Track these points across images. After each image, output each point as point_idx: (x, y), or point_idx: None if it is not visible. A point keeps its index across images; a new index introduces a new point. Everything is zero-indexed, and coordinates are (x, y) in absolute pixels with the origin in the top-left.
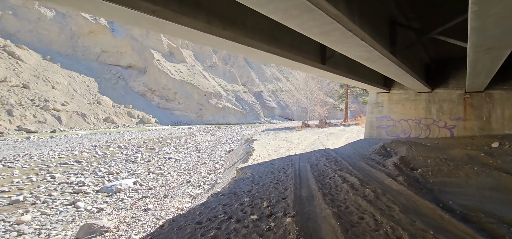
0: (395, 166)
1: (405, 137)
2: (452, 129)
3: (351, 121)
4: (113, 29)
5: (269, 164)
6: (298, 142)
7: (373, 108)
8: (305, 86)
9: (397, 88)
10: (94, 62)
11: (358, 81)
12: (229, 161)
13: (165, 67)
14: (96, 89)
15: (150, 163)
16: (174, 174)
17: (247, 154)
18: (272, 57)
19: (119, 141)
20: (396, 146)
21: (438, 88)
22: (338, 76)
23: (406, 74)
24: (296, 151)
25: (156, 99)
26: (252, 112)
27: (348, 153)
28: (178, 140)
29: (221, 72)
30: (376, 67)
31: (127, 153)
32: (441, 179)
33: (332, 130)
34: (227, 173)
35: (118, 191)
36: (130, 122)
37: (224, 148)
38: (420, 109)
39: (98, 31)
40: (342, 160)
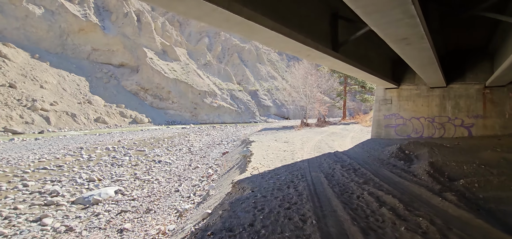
0: (429, 175)
1: (416, 137)
2: (470, 127)
3: (350, 119)
4: (104, 27)
5: (273, 174)
6: (301, 144)
7: (381, 105)
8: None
9: (407, 83)
10: (84, 61)
11: (369, 73)
12: (224, 165)
13: (158, 66)
14: (87, 88)
15: (137, 167)
16: (162, 181)
17: (245, 159)
18: (279, 38)
19: (108, 142)
20: (415, 148)
21: (454, 83)
22: (350, 67)
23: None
24: (302, 155)
25: (149, 99)
26: (248, 111)
27: (363, 157)
28: (170, 141)
29: (216, 70)
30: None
31: (115, 155)
32: (493, 194)
33: (333, 129)
34: (221, 182)
35: (95, 202)
36: (122, 122)
37: (218, 149)
38: (433, 106)
39: (88, 29)
40: (360, 167)
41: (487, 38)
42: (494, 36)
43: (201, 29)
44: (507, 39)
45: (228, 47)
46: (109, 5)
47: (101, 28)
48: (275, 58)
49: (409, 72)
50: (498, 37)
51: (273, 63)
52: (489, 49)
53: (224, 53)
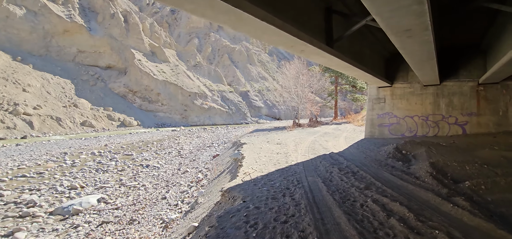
0: (433, 177)
1: (410, 136)
2: (464, 125)
3: (341, 119)
4: (90, 28)
5: (267, 180)
6: (294, 145)
7: (374, 104)
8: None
9: (400, 81)
10: (70, 63)
11: (363, 71)
12: (214, 170)
13: (146, 67)
14: (73, 91)
15: (124, 172)
16: (149, 187)
17: (236, 163)
18: (270, 31)
19: (94, 147)
20: (412, 148)
21: (447, 81)
22: (345, 64)
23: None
24: (296, 158)
25: (138, 101)
26: (239, 113)
27: (359, 158)
28: (160, 144)
29: (206, 72)
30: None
31: (100, 160)
32: (501, 196)
33: (326, 129)
34: (211, 188)
35: (76, 212)
36: (110, 125)
37: (209, 152)
38: (427, 105)
39: (74, 30)
40: (358, 169)
41: (481, 36)
42: (487, 34)
43: (190, 30)
44: (501, 37)
45: (218, 48)
46: (95, 6)
47: (87, 30)
48: (265, 59)
49: (402, 70)
50: (491, 34)
51: (264, 64)
52: (482, 46)
53: (214, 54)
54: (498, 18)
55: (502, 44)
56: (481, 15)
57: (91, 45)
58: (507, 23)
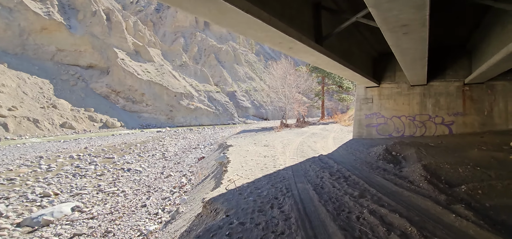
0: (427, 181)
1: (398, 136)
2: (451, 125)
3: (328, 119)
4: (70, 26)
5: (253, 189)
6: (282, 147)
7: (362, 105)
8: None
9: (388, 81)
10: (48, 62)
11: (352, 70)
12: (198, 174)
13: (130, 67)
14: (51, 91)
15: (103, 177)
16: (129, 193)
17: (221, 167)
18: (257, 25)
19: (73, 150)
20: (402, 149)
21: (434, 81)
22: (334, 63)
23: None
24: (285, 161)
25: (121, 102)
26: (226, 113)
27: (349, 160)
28: (143, 146)
29: (192, 72)
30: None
31: (79, 164)
32: (499, 202)
33: (313, 129)
34: (194, 195)
35: (46, 223)
36: (91, 127)
37: (194, 154)
38: (414, 105)
39: (52, 28)
40: (350, 174)
41: (467, 36)
42: (473, 35)
43: (176, 29)
44: (488, 38)
45: (205, 48)
46: (75, 3)
47: (67, 28)
48: (252, 59)
49: (389, 70)
50: (478, 35)
51: (251, 64)
52: (467, 47)
53: (201, 54)
54: (485, 19)
55: (489, 45)
56: (468, 16)
57: (71, 44)
58: (494, 23)
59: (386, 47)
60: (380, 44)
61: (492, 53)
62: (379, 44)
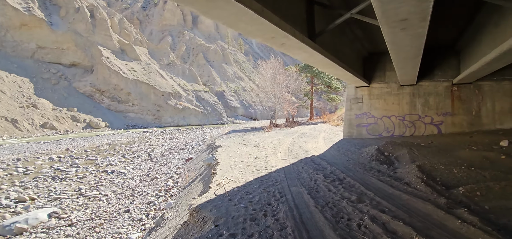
0: (424, 183)
1: (388, 136)
2: (440, 125)
3: (317, 119)
4: (52, 22)
5: (244, 193)
6: (273, 148)
7: (352, 104)
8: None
9: (378, 81)
10: (28, 60)
11: (344, 69)
12: (186, 176)
13: (115, 66)
14: (32, 90)
15: (84, 180)
16: (112, 197)
17: (209, 169)
18: (247, 17)
19: (54, 151)
20: (394, 149)
21: (423, 80)
22: (327, 61)
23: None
24: (276, 163)
25: (106, 101)
26: (215, 113)
27: (342, 161)
28: (129, 147)
29: (180, 71)
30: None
31: (59, 166)
32: (498, 204)
33: (303, 129)
34: (180, 199)
35: (20, 232)
36: (74, 127)
37: (182, 155)
38: (404, 105)
39: (32, 24)
40: (344, 176)
41: (456, 37)
42: (462, 35)
43: (163, 28)
44: (479, 38)
45: (193, 47)
46: None
47: (48, 24)
48: (241, 59)
49: (379, 69)
50: (468, 35)
51: (240, 64)
52: (456, 47)
53: (189, 53)
54: (476, 19)
55: (480, 44)
56: (458, 16)
57: (52, 41)
58: (486, 23)
59: (377, 47)
60: (371, 44)
61: (484, 52)
62: (370, 43)
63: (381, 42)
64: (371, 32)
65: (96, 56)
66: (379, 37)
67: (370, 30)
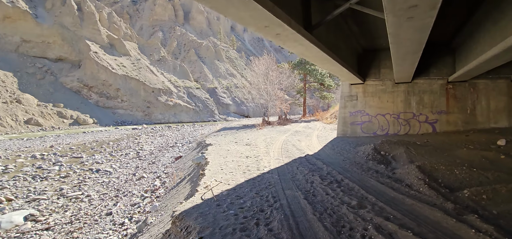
0: (428, 185)
1: (382, 134)
2: (434, 123)
3: (310, 117)
4: (37, 15)
5: (234, 198)
6: (265, 146)
7: (347, 102)
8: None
9: (372, 78)
10: (12, 54)
11: (340, 64)
12: (174, 176)
13: (104, 61)
14: (15, 85)
15: (67, 179)
16: (95, 198)
17: (198, 169)
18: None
19: (37, 148)
20: (390, 148)
21: (418, 78)
22: (323, 55)
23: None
24: (269, 163)
25: (94, 97)
26: (206, 110)
27: (338, 161)
28: (117, 144)
29: (171, 67)
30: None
31: (41, 165)
32: (506, 208)
33: (296, 127)
34: (166, 202)
35: None
36: (61, 124)
37: (171, 153)
38: (398, 102)
39: (16, 17)
40: (342, 177)
41: (452, 34)
42: (459, 32)
43: (154, 23)
44: (477, 35)
45: (184, 43)
46: None
47: (33, 17)
48: (234, 56)
49: (374, 66)
50: (464, 32)
51: (232, 61)
52: (452, 44)
53: (180, 49)
54: (475, 16)
55: (478, 42)
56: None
57: (38, 35)
58: (484, 20)
59: (372, 43)
60: (367, 40)
61: (483, 50)
62: (366, 39)
63: (378, 37)
64: (368, 27)
65: (84, 51)
66: (376, 32)
67: (367, 25)
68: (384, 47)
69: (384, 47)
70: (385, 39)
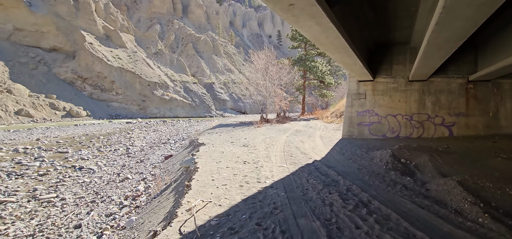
0: (486, 213)
1: (393, 136)
2: (451, 126)
3: (308, 115)
4: (31, 3)
5: (227, 230)
6: (266, 148)
7: (354, 100)
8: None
9: (383, 75)
10: (4, 42)
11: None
12: (158, 181)
13: (99, 52)
14: (7, 75)
15: (45, 177)
16: (69, 202)
17: (186, 175)
18: None
19: (23, 141)
20: (411, 155)
21: (435, 76)
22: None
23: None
24: (272, 171)
25: (88, 89)
26: (203, 105)
27: (353, 170)
28: (107, 138)
29: (168, 61)
30: None
31: (22, 160)
32: None
33: (296, 125)
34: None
35: None
36: (53, 115)
37: (163, 150)
38: (411, 102)
39: (8, 4)
40: (368, 197)
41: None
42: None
43: (152, 15)
44: (505, 35)
45: (182, 37)
46: None
47: (26, 5)
48: (232, 51)
49: (386, 62)
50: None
51: (230, 56)
52: (475, 40)
53: (178, 43)
54: (506, 11)
55: (508, 41)
56: None
57: (31, 23)
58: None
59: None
60: (381, 31)
61: (504, 53)
62: (380, 30)
63: (394, 30)
64: (385, 16)
65: (79, 42)
66: (394, 23)
67: (384, 13)
68: (398, 41)
69: (398, 41)
70: (403, 31)
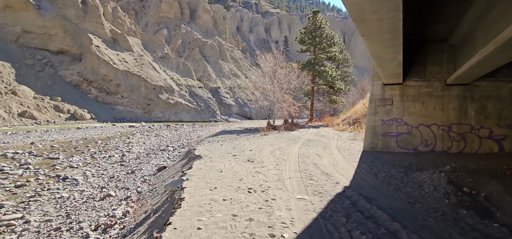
0: None
1: (426, 151)
2: (502, 140)
3: (317, 121)
4: (40, 6)
5: None
6: (276, 165)
7: (378, 107)
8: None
9: (415, 77)
10: (12, 44)
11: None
12: (136, 209)
13: (105, 55)
14: (12, 76)
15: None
16: (32, 227)
17: (169, 204)
18: None
19: (15, 145)
20: (475, 182)
21: (480, 80)
22: (397, 10)
23: None
24: (289, 209)
25: (94, 92)
26: (208, 110)
27: (403, 206)
28: (105, 143)
29: (174, 65)
30: None
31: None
32: None
33: (306, 133)
34: None
35: None
36: (57, 118)
37: (160, 158)
38: (449, 110)
39: (18, 7)
40: None
41: None
42: None
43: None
44: None
45: (189, 41)
46: None
47: (36, 7)
48: (238, 56)
49: (418, 63)
50: None
51: (237, 61)
52: None
53: (185, 47)
54: None
55: None
56: None
57: (40, 26)
58: None
59: (425, 29)
60: (420, 23)
61: None
62: (419, 22)
63: (436, 21)
64: (431, 3)
65: (86, 44)
66: (441, 10)
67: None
68: (435, 37)
69: (434, 38)
70: (444, 24)
